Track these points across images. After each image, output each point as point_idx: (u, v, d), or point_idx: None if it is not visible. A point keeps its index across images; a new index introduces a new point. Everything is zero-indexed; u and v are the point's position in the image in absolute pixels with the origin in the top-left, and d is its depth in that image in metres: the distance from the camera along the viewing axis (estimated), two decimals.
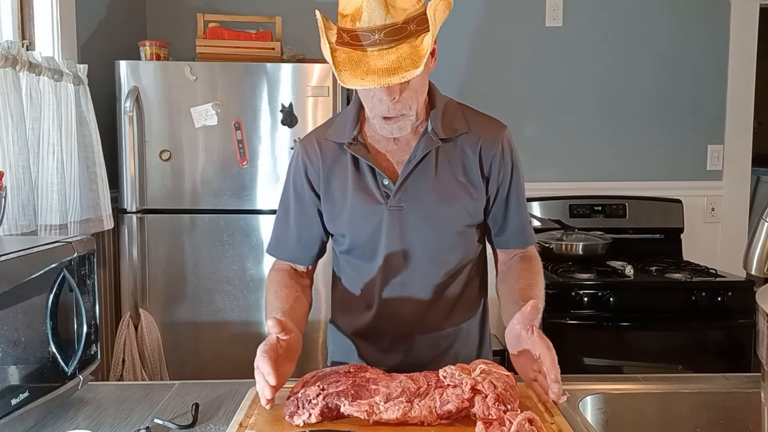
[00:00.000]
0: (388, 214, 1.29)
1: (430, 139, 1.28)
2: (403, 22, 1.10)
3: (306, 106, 2.44)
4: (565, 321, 2.44)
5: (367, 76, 1.09)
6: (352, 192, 1.31)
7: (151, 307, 2.48)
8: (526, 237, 1.39)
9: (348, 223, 1.33)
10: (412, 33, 1.11)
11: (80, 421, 1.13)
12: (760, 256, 0.97)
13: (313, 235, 1.39)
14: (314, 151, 1.35)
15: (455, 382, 1.05)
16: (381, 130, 1.26)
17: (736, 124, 3.14)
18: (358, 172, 1.31)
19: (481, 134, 1.32)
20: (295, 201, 1.38)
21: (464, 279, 1.38)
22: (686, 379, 1.36)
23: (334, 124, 1.38)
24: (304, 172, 1.35)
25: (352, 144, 1.30)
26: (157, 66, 2.45)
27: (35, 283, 1.08)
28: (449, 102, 1.35)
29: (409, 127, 1.25)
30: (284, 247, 1.41)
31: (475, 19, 3.09)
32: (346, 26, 1.13)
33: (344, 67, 1.11)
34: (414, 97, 1.22)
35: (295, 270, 1.41)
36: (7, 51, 1.78)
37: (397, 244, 1.31)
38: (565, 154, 3.15)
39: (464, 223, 1.33)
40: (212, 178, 2.47)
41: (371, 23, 1.10)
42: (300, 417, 1.05)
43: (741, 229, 3.15)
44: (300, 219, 1.38)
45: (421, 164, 1.29)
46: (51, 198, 2.00)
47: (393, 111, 1.20)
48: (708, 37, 3.12)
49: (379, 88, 1.13)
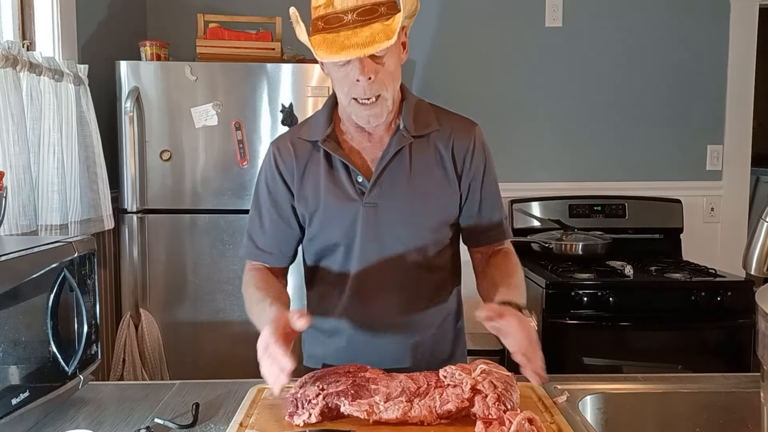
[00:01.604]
0: (363, 210, 1.30)
1: (402, 136, 1.31)
2: (373, 3, 1.17)
3: (306, 106, 2.45)
4: (565, 321, 2.43)
5: (343, 51, 1.15)
6: (326, 189, 1.32)
7: (151, 307, 2.48)
8: (502, 232, 1.40)
9: (322, 220, 1.33)
10: (383, 14, 1.18)
11: (80, 421, 1.13)
12: (760, 256, 0.97)
13: (289, 236, 1.39)
14: (287, 150, 1.36)
15: (455, 382, 1.06)
16: (357, 118, 1.28)
17: (735, 124, 3.14)
18: (332, 170, 1.32)
19: (453, 131, 1.35)
20: (270, 202, 1.38)
21: (439, 276, 1.39)
22: (686, 378, 1.36)
23: (307, 124, 1.40)
24: (278, 171, 1.36)
25: (325, 141, 1.32)
26: (157, 66, 2.45)
27: (36, 283, 1.08)
28: (420, 101, 1.38)
29: (384, 114, 1.27)
30: (260, 250, 1.40)
31: (475, 19, 3.09)
32: (319, 14, 1.20)
33: (319, 47, 1.18)
34: (390, 78, 1.24)
35: (270, 269, 1.40)
36: (8, 51, 1.78)
37: (372, 241, 1.31)
38: (565, 154, 3.15)
39: (439, 220, 1.34)
40: (212, 178, 2.47)
41: (344, 5, 1.17)
42: (300, 417, 1.05)
43: (740, 229, 3.15)
44: (275, 219, 1.38)
45: (394, 161, 1.31)
46: (51, 198, 2.00)
47: (369, 92, 1.22)
48: (708, 37, 3.12)
49: (354, 69, 1.19)
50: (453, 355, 1.42)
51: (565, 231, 2.88)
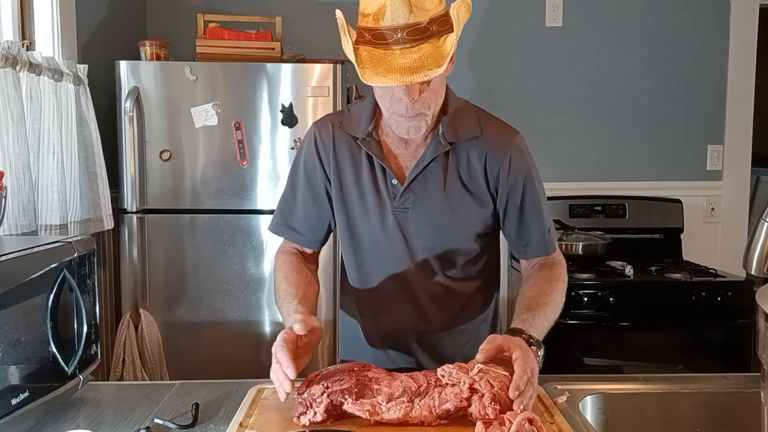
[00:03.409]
0: (392, 214, 1.29)
1: (439, 143, 1.27)
2: (427, 22, 1.10)
3: (306, 106, 2.44)
4: (565, 321, 2.43)
5: (389, 74, 1.08)
6: (360, 186, 1.31)
7: (151, 307, 2.48)
8: (546, 245, 1.36)
9: (353, 216, 1.32)
10: (435, 33, 1.11)
11: (80, 421, 1.13)
12: (760, 256, 0.97)
13: (320, 218, 1.37)
14: (328, 135, 1.34)
15: (453, 381, 1.05)
16: (397, 129, 1.25)
17: (735, 124, 3.14)
18: (368, 168, 1.31)
19: (490, 144, 1.30)
20: (305, 181, 1.36)
21: (471, 283, 1.37)
22: (686, 379, 1.36)
23: (350, 114, 1.36)
24: (317, 152, 1.34)
25: (365, 140, 1.30)
26: (157, 66, 2.45)
27: (35, 283, 1.08)
28: (464, 105, 1.34)
29: (424, 128, 1.24)
30: (289, 225, 1.38)
31: (475, 19, 3.09)
32: (368, 25, 1.12)
33: (366, 65, 1.10)
34: (434, 97, 1.21)
35: (302, 253, 1.40)
36: (8, 51, 1.78)
37: (400, 245, 1.31)
38: (565, 154, 3.15)
39: (469, 231, 1.32)
40: (212, 178, 2.47)
41: (394, 22, 1.09)
42: (306, 417, 1.05)
43: (741, 229, 3.15)
44: (307, 198, 1.36)
45: (429, 168, 1.28)
46: (51, 198, 2.00)
47: (411, 111, 1.18)
48: (708, 37, 3.12)
49: (398, 87, 1.14)
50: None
51: (566, 231, 2.88)
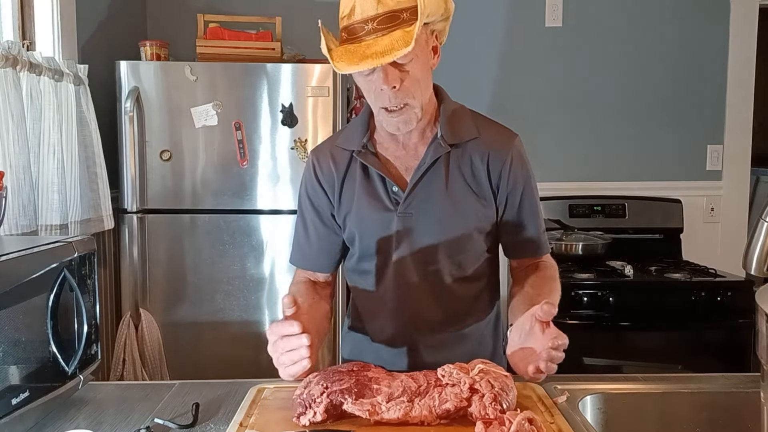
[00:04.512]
0: (397, 220, 1.30)
1: (439, 145, 1.29)
2: (395, 11, 1.14)
3: (306, 107, 2.45)
4: (565, 321, 2.43)
5: (362, 61, 1.13)
6: (361, 199, 1.32)
7: (151, 307, 2.48)
8: (540, 246, 1.38)
9: (359, 230, 1.34)
10: (405, 20, 1.15)
11: (80, 421, 1.13)
12: (760, 256, 0.97)
13: (333, 242, 1.40)
14: (326, 160, 1.36)
15: (453, 381, 1.05)
16: (387, 126, 1.27)
17: (735, 124, 3.14)
18: (368, 179, 1.32)
19: (491, 144, 1.32)
20: (312, 211, 1.39)
21: (476, 285, 1.38)
22: (686, 378, 1.36)
23: (345, 131, 1.40)
24: (317, 179, 1.37)
25: (361, 152, 1.32)
26: (157, 66, 2.45)
27: (36, 283, 1.08)
28: (460, 108, 1.36)
29: (414, 122, 1.25)
30: (306, 256, 1.42)
31: (475, 19, 3.09)
32: (343, 24, 1.18)
33: (340, 59, 1.15)
34: (416, 86, 1.22)
35: (314, 282, 1.42)
36: (8, 51, 1.78)
37: (407, 251, 1.31)
38: (565, 154, 3.15)
39: (475, 231, 1.33)
40: (212, 178, 2.47)
41: (364, 14, 1.14)
42: (306, 417, 1.05)
43: (740, 229, 3.15)
44: (318, 227, 1.39)
45: (430, 171, 1.29)
46: (51, 198, 2.00)
47: (395, 101, 1.20)
48: (708, 37, 3.12)
49: (378, 77, 1.17)
50: (493, 361, 1.42)
51: (565, 231, 2.88)
